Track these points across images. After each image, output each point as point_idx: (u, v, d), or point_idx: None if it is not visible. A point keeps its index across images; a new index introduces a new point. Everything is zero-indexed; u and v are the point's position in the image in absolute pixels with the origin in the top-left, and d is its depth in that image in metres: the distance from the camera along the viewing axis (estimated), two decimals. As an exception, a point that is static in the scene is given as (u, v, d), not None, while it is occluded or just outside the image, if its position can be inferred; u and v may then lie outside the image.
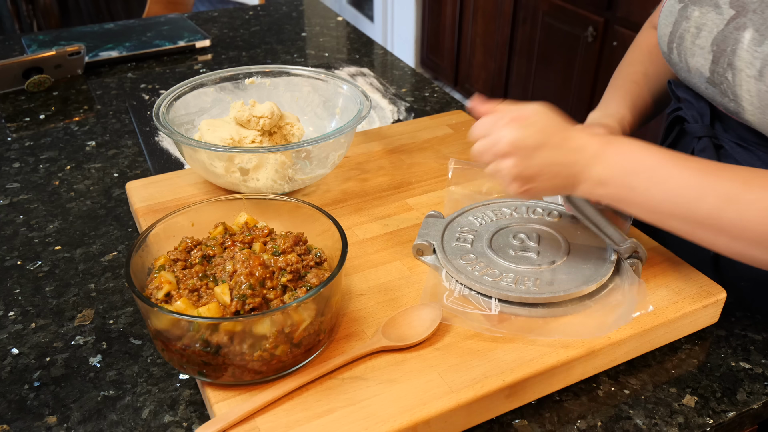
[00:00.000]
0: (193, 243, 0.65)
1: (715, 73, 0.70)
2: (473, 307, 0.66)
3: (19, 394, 0.62)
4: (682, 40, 0.75)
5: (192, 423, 0.59)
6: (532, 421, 0.60)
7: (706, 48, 0.71)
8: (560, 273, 0.68)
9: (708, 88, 0.73)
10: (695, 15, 0.73)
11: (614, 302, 0.66)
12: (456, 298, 0.66)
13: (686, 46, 0.74)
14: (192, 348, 0.55)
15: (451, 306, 0.65)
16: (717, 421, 0.60)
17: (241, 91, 0.96)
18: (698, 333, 0.69)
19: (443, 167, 0.92)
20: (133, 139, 1.08)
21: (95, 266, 0.79)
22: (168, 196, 0.85)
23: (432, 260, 0.73)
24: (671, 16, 0.77)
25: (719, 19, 0.70)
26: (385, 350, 0.62)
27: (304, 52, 1.47)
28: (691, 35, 0.73)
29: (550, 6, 2.41)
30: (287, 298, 0.59)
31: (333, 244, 0.64)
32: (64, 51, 1.28)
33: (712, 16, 0.70)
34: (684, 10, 0.75)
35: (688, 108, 0.81)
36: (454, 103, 1.22)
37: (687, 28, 0.74)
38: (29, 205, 0.91)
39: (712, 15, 0.70)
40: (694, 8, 0.73)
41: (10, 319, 0.71)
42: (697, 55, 0.73)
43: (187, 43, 1.45)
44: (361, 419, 0.55)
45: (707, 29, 0.71)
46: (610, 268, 0.68)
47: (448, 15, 3.12)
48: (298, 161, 0.83)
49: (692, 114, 0.81)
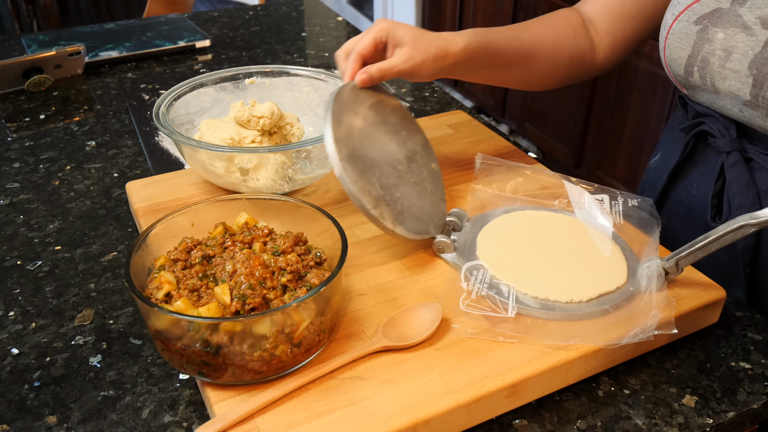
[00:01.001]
0: (193, 243, 0.65)
1: (759, 96, 0.69)
2: (490, 309, 0.64)
3: (19, 394, 0.62)
4: (706, 64, 0.73)
5: (192, 423, 0.59)
6: (532, 421, 0.60)
7: (741, 71, 0.69)
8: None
9: (744, 111, 0.72)
10: (719, 37, 0.71)
11: (636, 310, 0.64)
12: (473, 301, 0.65)
13: (714, 70, 0.72)
14: (192, 348, 0.55)
15: (467, 310, 0.64)
16: (717, 421, 0.60)
17: (241, 91, 0.96)
18: (698, 333, 0.69)
19: (443, 167, 0.92)
20: (133, 139, 1.08)
21: (95, 266, 0.79)
22: (168, 196, 0.85)
23: (452, 258, 0.72)
24: (687, 38, 0.75)
25: (753, 41, 0.68)
26: (385, 350, 0.62)
27: (304, 52, 1.47)
28: (718, 59, 0.72)
29: (550, 6, 2.41)
30: (287, 298, 0.59)
31: (333, 244, 0.64)
32: (64, 51, 1.28)
33: (743, 38, 0.69)
34: (703, 32, 0.73)
35: (712, 122, 0.79)
36: (454, 103, 1.22)
37: (711, 51, 0.72)
38: (29, 205, 0.91)
39: (741, 36, 0.69)
40: (717, 30, 0.71)
41: (10, 319, 0.71)
42: (730, 78, 0.71)
43: (187, 43, 1.45)
44: (361, 419, 0.55)
45: (739, 52, 0.69)
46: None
47: (448, 15, 3.12)
48: (298, 161, 0.83)
49: (717, 128, 0.78)
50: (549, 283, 0.67)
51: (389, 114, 0.77)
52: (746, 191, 0.76)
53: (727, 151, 0.77)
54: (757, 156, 0.76)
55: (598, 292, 0.66)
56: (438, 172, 0.81)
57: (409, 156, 0.76)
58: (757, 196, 0.76)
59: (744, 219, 0.60)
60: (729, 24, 0.70)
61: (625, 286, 0.67)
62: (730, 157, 0.77)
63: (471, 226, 0.76)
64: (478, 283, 0.67)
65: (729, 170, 0.77)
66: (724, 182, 0.79)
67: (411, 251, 0.75)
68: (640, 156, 2.15)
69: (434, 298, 0.68)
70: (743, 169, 0.76)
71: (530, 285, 0.67)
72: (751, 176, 0.76)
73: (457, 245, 0.73)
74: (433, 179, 0.79)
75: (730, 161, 0.77)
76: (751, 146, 0.76)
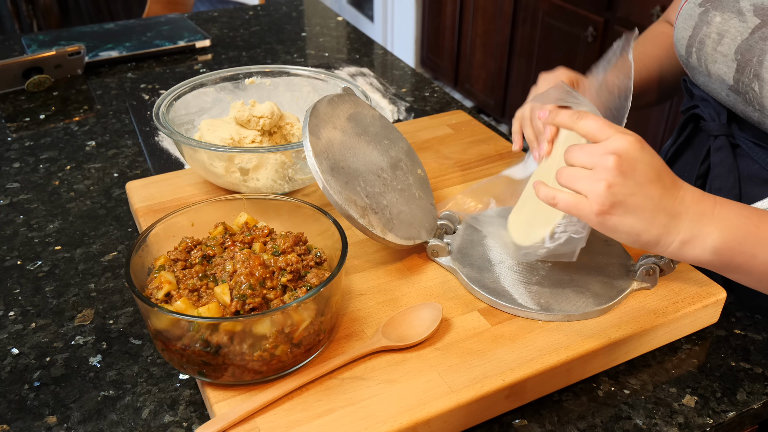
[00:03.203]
0: (193, 243, 0.65)
1: (740, 82, 0.69)
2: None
3: (19, 394, 0.62)
4: (702, 46, 0.74)
5: (192, 423, 0.59)
6: (532, 421, 0.60)
7: (729, 56, 0.70)
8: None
9: (730, 96, 0.73)
10: (717, 20, 0.72)
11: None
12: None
13: (707, 52, 0.73)
14: (192, 348, 0.55)
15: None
16: (717, 421, 0.60)
17: (241, 91, 0.96)
18: (698, 333, 0.69)
19: (443, 167, 0.92)
20: (133, 139, 1.08)
21: (95, 266, 0.79)
22: (168, 196, 0.85)
23: (446, 261, 0.73)
24: (690, 19, 0.76)
25: (743, 27, 0.69)
26: (385, 350, 0.62)
27: (304, 52, 1.47)
28: (712, 41, 0.72)
29: (550, 6, 2.41)
30: (287, 298, 0.59)
31: (333, 244, 0.64)
32: (64, 51, 1.28)
33: (735, 23, 0.69)
34: (705, 14, 0.74)
35: (705, 106, 0.81)
36: (454, 103, 1.22)
37: (708, 33, 0.73)
38: (29, 205, 0.91)
39: (734, 22, 0.70)
40: (716, 13, 0.72)
41: (10, 319, 0.71)
42: (719, 62, 0.72)
43: (187, 43, 1.45)
44: (361, 419, 0.55)
45: (730, 36, 0.70)
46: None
47: (448, 15, 3.12)
48: (298, 161, 0.83)
49: (709, 112, 0.80)
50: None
51: (369, 124, 0.78)
52: (727, 175, 0.78)
53: (715, 135, 0.79)
54: (743, 142, 0.77)
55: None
56: (425, 177, 0.81)
57: (393, 164, 0.77)
58: (738, 181, 0.78)
59: None
60: (726, 8, 0.71)
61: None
62: (717, 141, 0.79)
63: (464, 229, 0.76)
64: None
65: (714, 153, 0.79)
66: (710, 165, 0.80)
67: (411, 252, 0.75)
68: (640, 156, 2.15)
69: (434, 298, 0.68)
70: (728, 154, 0.78)
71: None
72: (735, 161, 0.78)
73: (451, 248, 0.73)
74: (421, 185, 0.79)
75: (716, 145, 0.79)
76: (740, 133, 0.78)
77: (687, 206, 0.54)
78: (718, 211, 0.55)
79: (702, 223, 0.55)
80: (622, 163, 0.53)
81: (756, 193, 0.77)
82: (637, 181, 0.53)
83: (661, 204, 0.54)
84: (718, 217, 0.55)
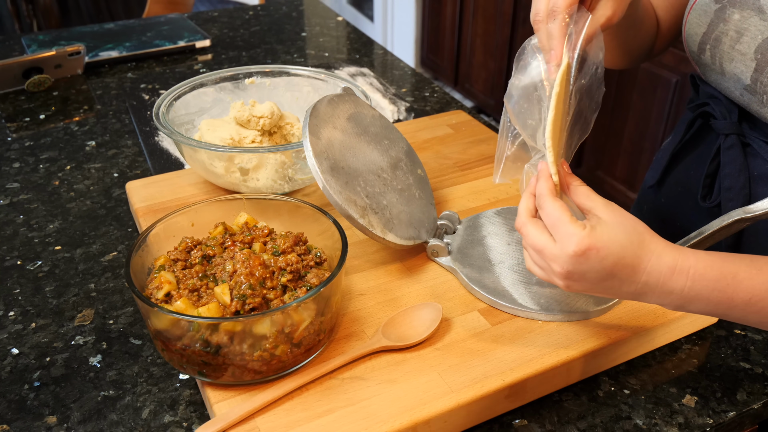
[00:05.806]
0: (193, 243, 0.65)
1: (758, 82, 0.69)
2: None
3: (19, 394, 0.62)
4: (718, 43, 0.73)
5: (192, 423, 0.59)
6: (532, 421, 0.60)
7: (748, 54, 0.69)
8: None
9: (744, 95, 0.72)
10: (735, 18, 0.71)
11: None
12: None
13: (723, 50, 0.72)
14: (192, 348, 0.55)
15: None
16: (717, 421, 0.60)
17: (241, 91, 0.96)
18: (698, 333, 0.69)
19: (443, 167, 0.92)
20: (133, 139, 1.08)
21: (95, 266, 0.79)
22: (168, 196, 0.85)
23: (446, 261, 0.73)
24: (705, 16, 0.75)
25: (764, 26, 0.68)
26: (385, 350, 0.62)
27: (304, 52, 1.47)
28: (729, 39, 0.71)
29: (550, 6, 2.41)
30: (287, 298, 0.59)
31: (333, 244, 0.64)
32: (64, 51, 1.28)
33: (756, 21, 0.69)
34: (721, 11, 0.73)
35: (715, 104, 0.80)
36: (454, 103, 1.22)
37: (725, 31, 0.72)
38: (29, 205, 0.91)
39: (755, 20, 0.69)
40: (734, 11, 0.71)
41: (10, 319, 0.71)
42: (736, 60, 0.71)
43: (187, 43, 1.45)
44: (361, 419, 0.55)
45: (750, 35, 0.69)
46: None
47: (448, 15, 3.12)
48: (298, 161, 0.83)
49: (720, 110, 0.79)
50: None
51: (369, 124, 0.78)
52: (738, 174, 0.77)
53: (726, 134, 0.78)
54: (754, 141, 0.77)
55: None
56: (425, 177, 0.81)
57: (393, 164, 0.77)
58: (748, 181, 0.77)
59: (738, 213, 0.60)
60: (746, 6, 0.70)
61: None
62: (728, 139, 0.78)
63: (464, 229, 0.76)
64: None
65: (725, 152, 0.78)
66: (719, 164, 0.80)
67: (411, 251, 0.75)
68: (640, 156, 2.15)
69: (434, 298, 0.68)
70: (738, 153, 0.77)
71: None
72: (745, 160, 0.77)
73: (451, 248, 0.73)
74: (421, 185, 0.79)
75: (727, 144, 0.78)
76: (751, 132, 0.77)
77: (651, 288, 0.55)
78: (687, 290, 0.54)
79: (670, 299, 0.55)
80: (571, 275, 0.54)
81: (766, 192, 0.76)
82: (591, 281, 0.54)
83: (622, 291, 0.55)
84: (687, 296, 0.54)
